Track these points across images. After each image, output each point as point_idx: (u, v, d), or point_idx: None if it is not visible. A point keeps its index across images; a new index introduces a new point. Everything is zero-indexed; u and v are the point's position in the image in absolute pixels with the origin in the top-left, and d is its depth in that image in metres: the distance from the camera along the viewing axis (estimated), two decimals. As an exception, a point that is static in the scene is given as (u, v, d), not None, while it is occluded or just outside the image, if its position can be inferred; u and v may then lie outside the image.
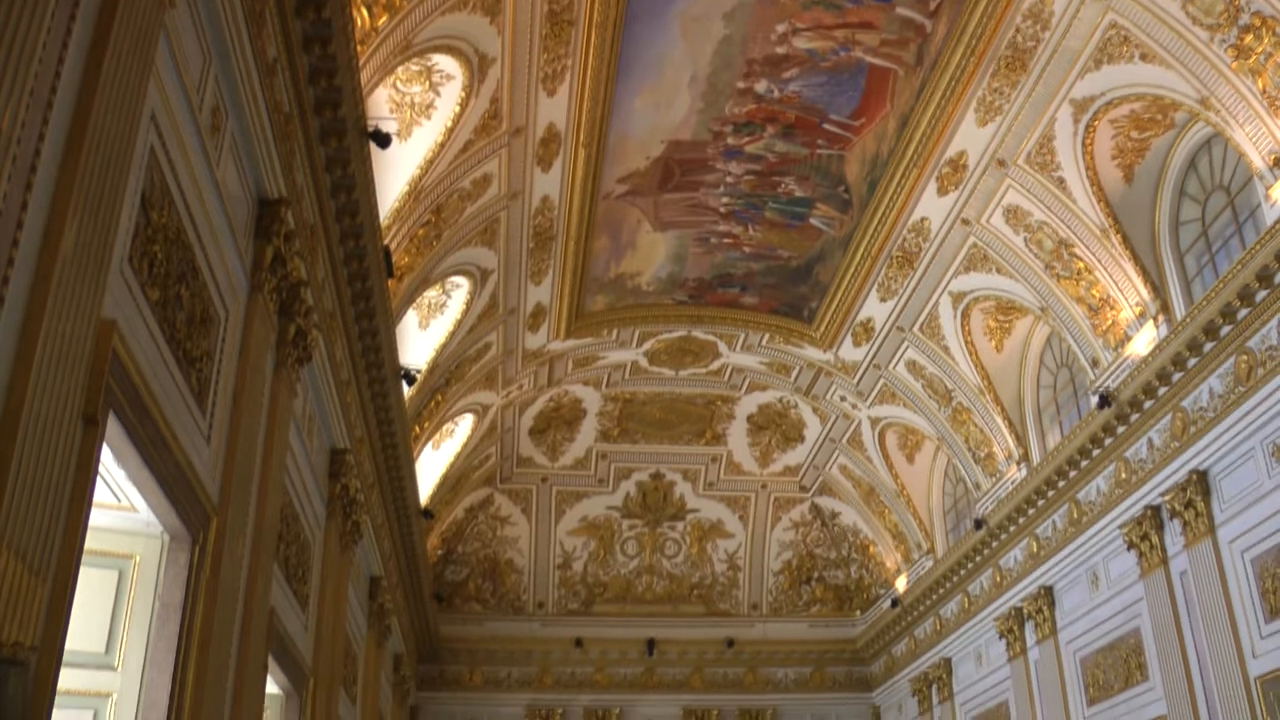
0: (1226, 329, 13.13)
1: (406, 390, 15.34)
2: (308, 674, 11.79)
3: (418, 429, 17.72)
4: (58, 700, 5.11)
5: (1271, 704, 12.85)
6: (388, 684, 20.23)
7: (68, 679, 6.07)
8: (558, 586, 26.18)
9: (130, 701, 6.99)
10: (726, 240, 18.16)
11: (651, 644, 25.62)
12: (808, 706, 26.13)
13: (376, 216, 11.27)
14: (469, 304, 16.76)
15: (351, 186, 10.39)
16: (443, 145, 12.93)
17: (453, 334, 16.92)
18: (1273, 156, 12.15)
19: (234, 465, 8.17)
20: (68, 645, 5.21)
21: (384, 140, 10.75)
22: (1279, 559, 12.85)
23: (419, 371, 15.96)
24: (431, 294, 16.11)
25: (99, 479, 6.16)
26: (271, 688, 10.61)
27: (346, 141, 9.86)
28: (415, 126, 12.67)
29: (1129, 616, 16.15)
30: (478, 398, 20.16)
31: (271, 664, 10.03)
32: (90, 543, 5.80)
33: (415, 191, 13.01)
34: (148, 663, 7.09)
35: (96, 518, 6.50)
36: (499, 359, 19.35)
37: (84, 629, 6.81)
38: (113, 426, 5.78)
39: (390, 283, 12.73)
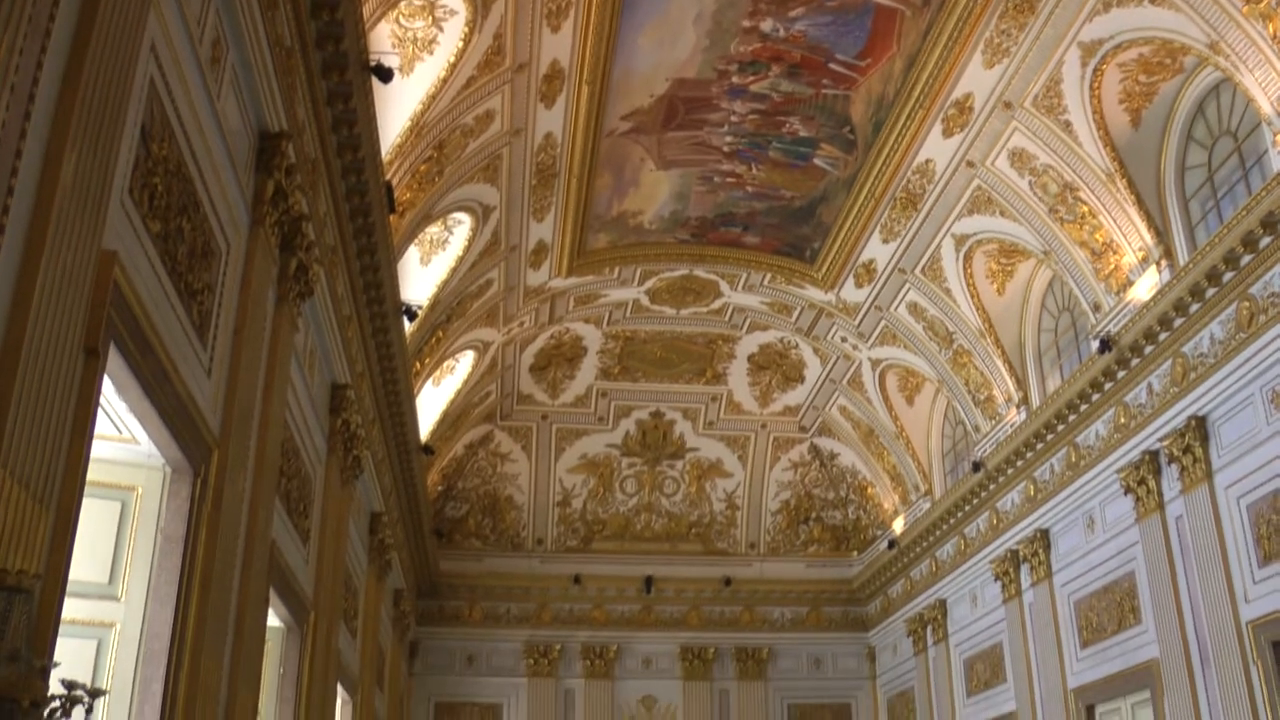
0: (1229, 275, 13.11)
1: (407, 326, 15.34)
2: (309, 607, 11.89)
3: (418, 365, 17.74)
4: (62, 629, 5.17)
5: (1263, 647, 12.97)
6: (388, 619, 20.41)
7: (72, 609, 6.14)
8: (557, 524, 26.34)
9: (133, 632, 7.05)
10: (730, 180, 18.08)
11: (649, 582, 25.81)
12: (803, 646, 26.38)
13: (378, 152, 11.22)
14: (471, 240, 16.71)
15: (353, 121, 10.34)
16: (445, 81, 12.83)
17: (454, 270, 16.89)
18: (1281, 101, 12.08)
19: (235, 398, 8.19)
20: (71, 575, 5.27)
21: (386, 75, 10.68)
22: (1274, 505, 12.92)
23: (420, 308, 15.95)
24: (433, 230, 16.06)
25: (100, 410, 6.19)
26: (273, 621, 10.71)
27: (348, 76, 9.80)
28: (418, 62, 12.57)
29: (1124, 560, 16.26)
30: (479, 334, 20.17)
31: (273, 597, 10.11)
32: (92, 474, 5.83)
33: (417, 127, 12.94)
34: (150, 594, 7.15)
35: (98, 449, 6.52)
36: (500, 296, 19.33)
37: (87, 560, 6.87)
38: (114, 358, 5.79)
39: (392, 218, 12.70)
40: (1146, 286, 14.94)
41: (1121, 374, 15.55)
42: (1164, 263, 14.71)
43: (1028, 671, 18.87)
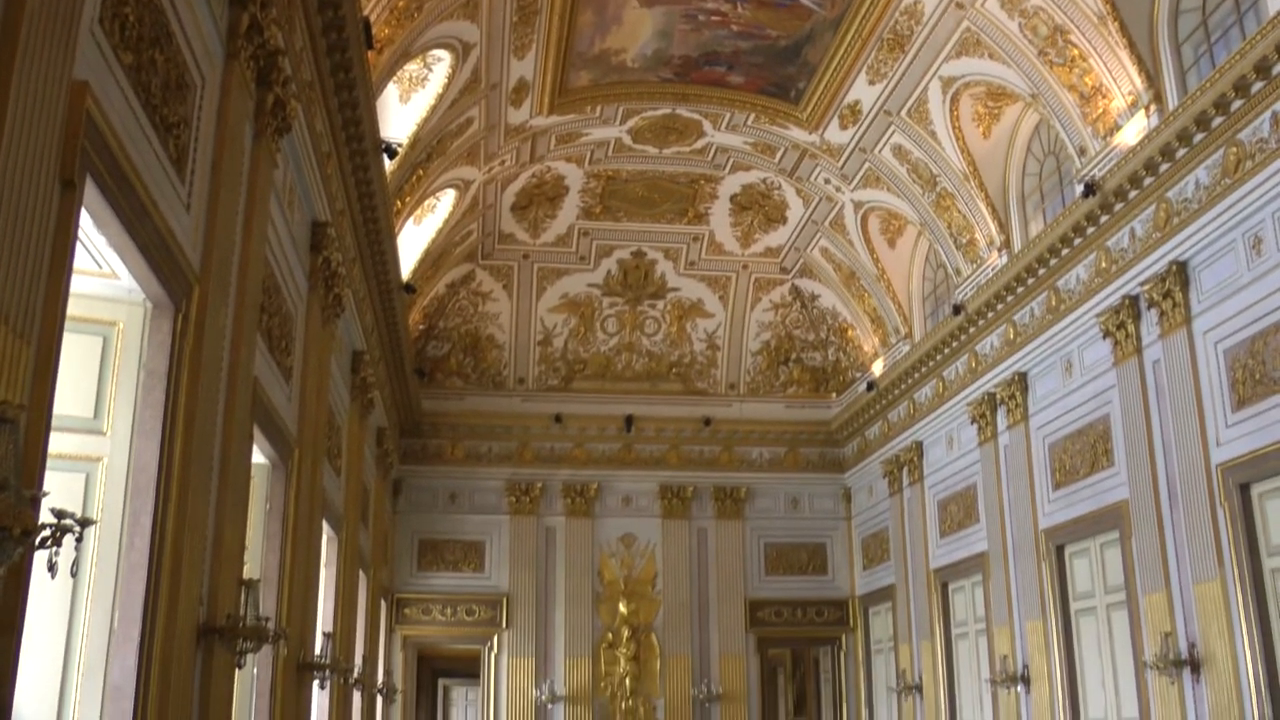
0: (1219, 120, 13.02)
1: (387, 164, 15.17)
2: (292, 444, 12.00)
3: (399, 204, 17.59)
4: (51, 463, 5.22)
5: (1230, 489, 13.26)
6: (371, 457, 20.64)
7: (58, 443, 6.19)
8: (538, 363, 26.47)
9: (120, 466, 7.12)
10: (714, 18, 17.69)
11: (630, 421, 26.08)
12: (781, 486, 26.82)
13: (355, -17, 10.96)
14: (451, 78, 16.40)
15: (329, -50, 10.07)
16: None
17: (434, 108, 16.62)
18: (1280, -60, 11.83)
19: (215, 234, 8.14)
20: (56, 410, 5.30)
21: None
22: (1251, 350, 13.06)
23: (400, 145, 15.75)
24: (412, 67, 15.75)
25: (79, 245, 6.14)
26: (257, 457, 10.81)
27: (324, -99, 9.51)
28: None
29: (1099, 404, 16.48)
30: (459, 173, 19.95)
31: (257, 433, 10.19)
32: (73, 309, 5.82)
33: (395, -43, 12.60)
34: (135, 429, 7.20)
35: (78, 284, 6.50)
36: (481, 134, 19.07)
37: (72, 394, 6.90)
38: (91, 191, 5.74)
39: (370, 55, 12.46)
40: (1134, 131, 14.82)
41: (1104, 218, 15.53)
42: (1153, 107, 14.57)
43: (1000, 513, 19.27)
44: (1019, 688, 18.32)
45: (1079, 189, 15.76)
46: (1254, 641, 12.82)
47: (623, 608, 25.48)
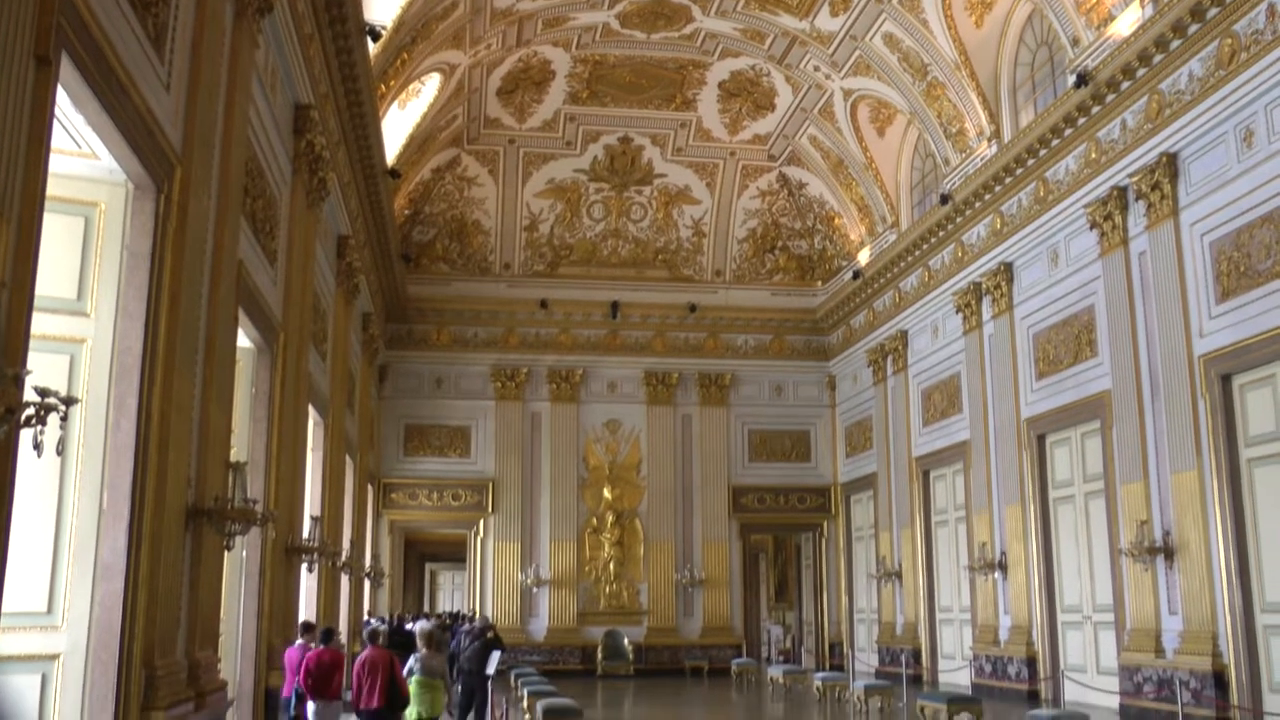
0: (1213, 11, 12.87)
1: (371, 47, 14.93)
2: (278, 328, 11.98)
3: (383, 88, 17.34)
4: (34, 344, 5.19)
5: (1211, 380, 13.38)
6: (357, 342, 20.64)
7: (41, 324, 6.16)
8: (524, 248, 26.39)
9: (105, 348, 7.11)
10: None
11: (615, 307, 26.10)
12: (765, 373, 26.96)
13: None
14: (436, -44, 16.09)
15: None
16: None
17: (419, -12, 16.32)
18: None
19: (196, 114, 8.03)
20: (39, 290, 5.26)
21: None
22: (1237, 243, 13.07)
23: (384, 28, 15.48)
24: (396, -56, 15.43)
25: (58, 125, 6.06)
26: (243, 341, 10.80)
27: None
28: None
29: (1084, 294, 16.53)
30: (445, 57, 19.65)
31: (242, 317, 10.17)
32: (53, 189, 5.76)
33: None
34: (119, 311, 7.17)
35: (57, 164, 6.42)
36: (466, 17, 18.75)
37: (54, 276, 6.85)
38: (68, 70, 5.65)
39: (353, -70, 12.19)
40: (1128, 22, 14.64)
41: (1096, 109, 15.41)
42: (1148, -6, 14.37)
43: (983, 402, 19.42)
44: (996, 574, 18.64)
45: (1071, 79, 15.61)
46: (1227, 530, 13.06)
47: (607, 493, 25.76)
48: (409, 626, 18.94)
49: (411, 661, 11.17)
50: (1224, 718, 12.92)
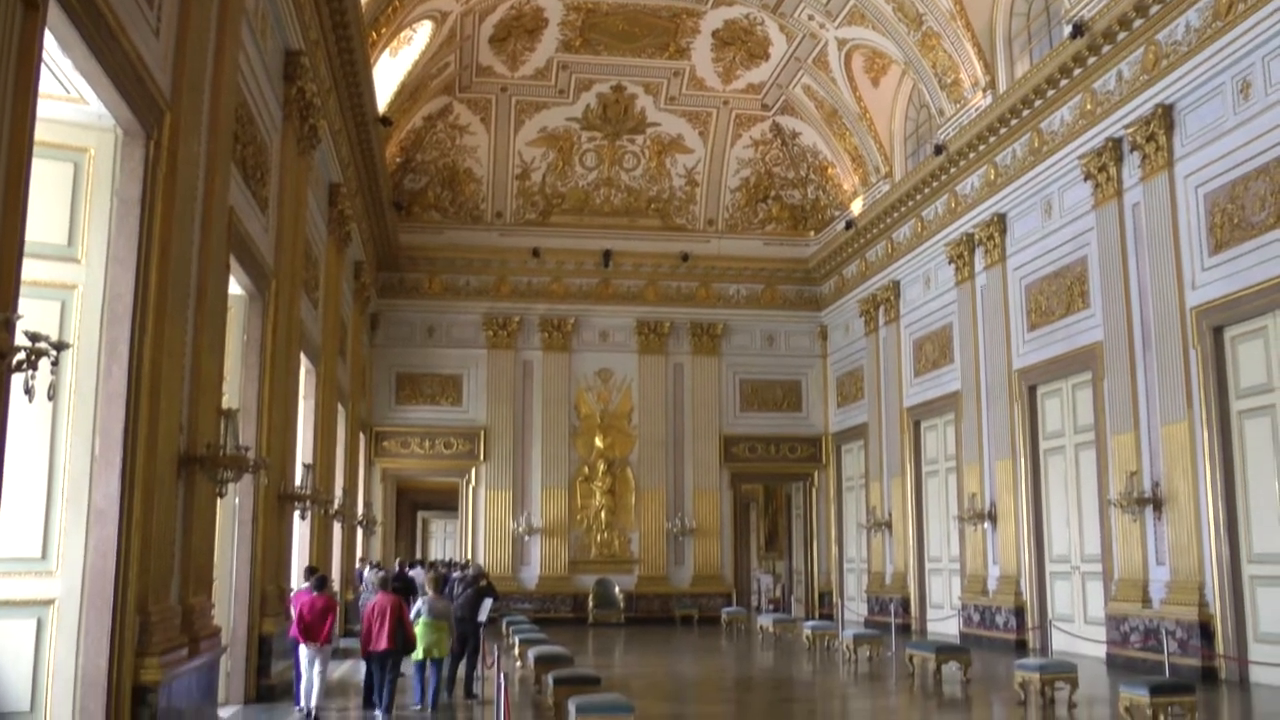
0: (1212, -43, 12.79)
1: (362, -10, 14.80)
2: (269, 275, 11.94)
3: (374, 35, 17.19)
4: (25, 290, 5.17)
5: (1204, 332, 13.40)
6: (349, 291, 20.58)
7: (31, 269, 6.13)
8: (516, 196, 26.29)
9: (95, 294, 7.08)
10: None
11: (608, 255, 26.05)
12: (757, 322, 26.96)
13: None
14: (427, -101, 15.90)
15: None
16: None
17: (410, -68, 16.14)
18: None
19: (185, 60, 7.95)
20: (28, 236, 5.22)
21: None
22: (1231, 195, 13.05)
23: (375, -29, 15.33)
24: (387, -113, 15.24)
25: (46, 69, 6.00)
26: (234, 288, 10.77)
27: None
28: None
29: (1077, 246, 16.51)
30: (436, 4, 19.46)
31: (233, 264, 10.13)
32: (41, 134, 5.72)
33: None
34: (110, 258, 7.14)
35: (46, 109, 6.36)
36: (459, -39, 18.57)
37: (44, 222, 6.81)
38: (55, 13, 5.59)
39: None
40: (1126, -33, 14.53)
41: (1092, 60, 15.33)
42: (1146, -58, 14.25)
43: (975, 353, 19.45)
44: (986, 524, 18.75)
45: (1067, 30, 15.51)
46: (1216, 481, 13.14)
47: (599, 442, 25.81)
48: (411, 573, 19.11)
49: (419, 604, 11.46)
50: (1209, 667, 13.05)
